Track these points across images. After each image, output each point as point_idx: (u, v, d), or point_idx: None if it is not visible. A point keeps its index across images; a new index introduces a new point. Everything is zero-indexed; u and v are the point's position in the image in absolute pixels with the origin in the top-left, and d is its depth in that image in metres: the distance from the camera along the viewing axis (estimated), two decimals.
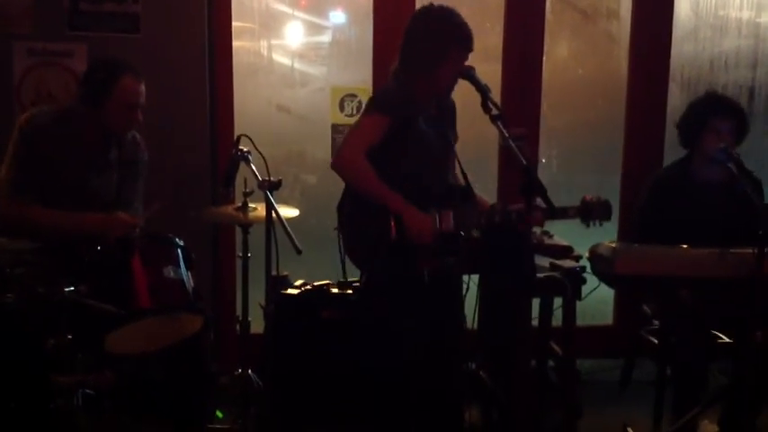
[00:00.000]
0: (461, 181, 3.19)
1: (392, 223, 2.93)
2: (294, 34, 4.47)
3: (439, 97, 3.15)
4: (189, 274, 3.00)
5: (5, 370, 2.72)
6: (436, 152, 3.12)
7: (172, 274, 2.90)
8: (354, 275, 3.45)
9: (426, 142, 3.06)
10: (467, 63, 3.03)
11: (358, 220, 3.02)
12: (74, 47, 3.88)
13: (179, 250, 3.00)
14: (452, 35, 3.02)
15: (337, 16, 4.52)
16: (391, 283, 3.02)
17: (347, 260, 3.17)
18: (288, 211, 3.19)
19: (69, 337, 2.61)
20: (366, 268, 3.10)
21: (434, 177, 3.12)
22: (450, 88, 3.10)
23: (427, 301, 3.02)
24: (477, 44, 3.10)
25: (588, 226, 3.08)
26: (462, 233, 3.06)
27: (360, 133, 3.00)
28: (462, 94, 3.24)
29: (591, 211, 3.04)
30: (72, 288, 2.60)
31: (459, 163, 3.19)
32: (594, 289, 3.48)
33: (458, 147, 3.26)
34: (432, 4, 3.10)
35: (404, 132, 2.98)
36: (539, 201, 2.78)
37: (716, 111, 3.53)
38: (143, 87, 3.20)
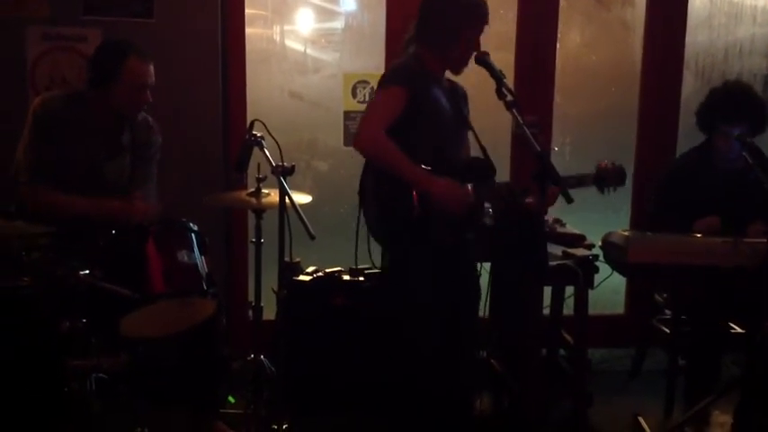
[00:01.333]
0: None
1: (415, 198, 2.91)
2: (307, 20, 4.46)
3: (453, 71, 3.12)
4: (203, 258, 3.00)
5: (21, 353, 2.74)
6: (452, 124, 3.10)
7: (186, 258, 2.90)
8: (365, 262, 3.46)
9: (443, 113, 3.04)
10: (482, 49, 3.01)
11: (381, 197, 2.99)
12: (88, 31, 3.87)
13: (193, 235, 3.00)
14: (469, 10, 3.00)
15: (350, 2, 4.50)
16: (413, 256, 3.00)
17: (358, 245, 3.17)
18: (301, 197, 3.19)
19: (84, 320, 2.63)
20: (389, 245, 3.08)
21: (453, 149, 3.10)
22: (465, 63, 3.06)
23: (446, 283, 3.02)
24: (490, 31, 3.08)
25: (603, 192, 3.07)
26: (485, 206, 3.05)
27: (378, 109, 2.97)
28: (475, 80, 3.23)
29: (605, 178, 3.03)
30: (87, 272, 2.61)
31: (477, 137, 3.17)
32: (607, 278, 3.49)
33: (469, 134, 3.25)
34: None
35: (420, 104, 2.95)
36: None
37: (727, 117, 3.51)
38: (151, 68, 3.20)
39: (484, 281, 3.36)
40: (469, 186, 2.96)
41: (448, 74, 3.15)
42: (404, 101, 2.91)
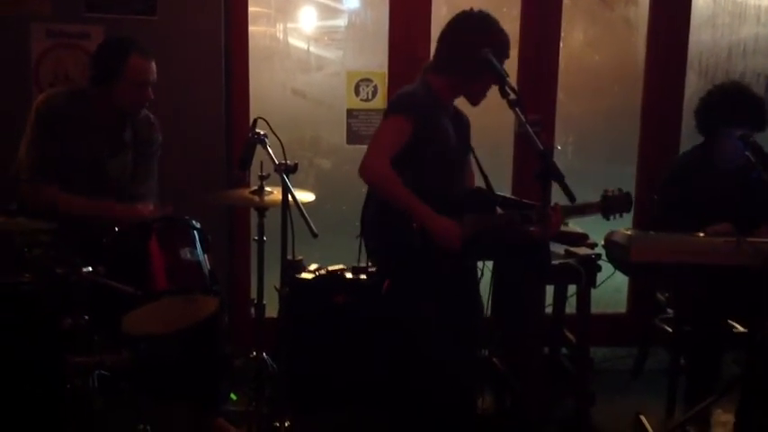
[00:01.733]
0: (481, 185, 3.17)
1: (416, 229, 2.91)
2: (310, 18, 4.46)
3: (471, 103, 3.11)
4: (205, 256, 3.00)
5: (23, 350, 2.74)
6: (457, 152, 3.10)
7: (188, 255, 2.90)
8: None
9: (449, 141, 3.04)
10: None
11: (381, 228, 3.01)
12: (91, 29, 3.88)
13: (195, 232, 3.00)
14: (496, 47, 2.95)
15: (353, 0, 4.50)
16: (414, 287, 3.01)
17: (360, 243, 3.18)
18: (303, 195, 3.19)
19: (86, 317, 2.63)
20: (389, 273, 3.09)
21: (457, 177, 3.11)
22: (484, 95, 3.05)
23: (449, 307, 3.02)
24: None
25: (608, 219, 3.08)
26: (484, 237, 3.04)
27: (384, 138, 2.95)
28: None
29: (611, 206, 3.04)
30: (89, 269, 2.61)
31: (480, 166, 3.18)
32: (609, 277, 3.48)
33: (472, 132, 3.25)
34: (471, 10, 3.05)
35: (427, 132, 2.94)
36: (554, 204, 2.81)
37: (727, 119, 3.51)
38: (153, 65, 3.21)
39: (486, 280, 3.37)
40: (471, 218, 2.96)
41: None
42: (409, 130, 2.91)
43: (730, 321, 3.47)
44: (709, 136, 3.63)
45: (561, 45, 4.47)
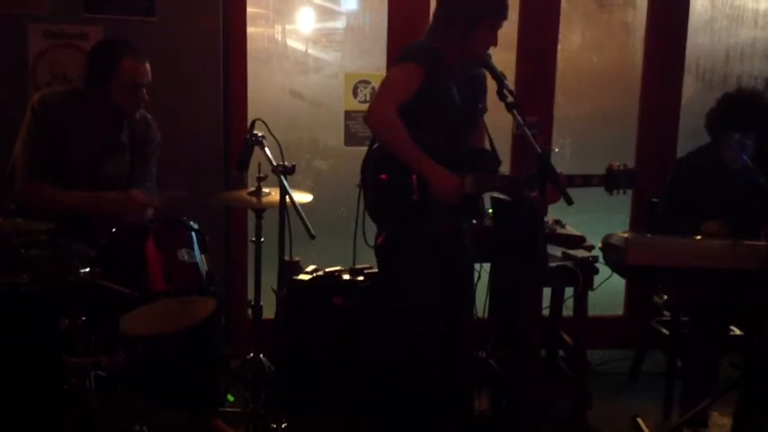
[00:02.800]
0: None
1: (414, 183, 2.91)
2: (308, 20, 4.47)
3: (470, 61, 3.10)
4: (203, 257, 3.00)
5: (20, 351, 2.74)
6: (461, 115, 3.09)
7: (186, 257, 2.90)
8: (364, 262, 3.47)
9: (451, 102, 3.04)
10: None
11: (380, 179, 3.01)
12: (89, 29, 3.87)
13: (193, 233, 3.00)
14: (485, 3, 2.99)
15: (352, 2, 4.51)
16: (409, 241, 3.01)
17: (357, 244, 3.20)
18: (301, 197, 3.19)
19: (83, 318, 2.62)
20: (385, 226, 3.09)
21: (460, 137, 3.10)
22: (482, 53, 3.04)
23: (442, 268, 3.03)
24: None
25: (611, 194, 3.05)
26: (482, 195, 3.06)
27: (393, 85, 2.95)
28: None
29: (616, 179, 3.00)
30: (87, 270, 2.61)
31: (488, 131, 3.18)
32: (606, 279, 3.49)
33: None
34: None
35: (432, 88, 2.94)
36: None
37: (729, 124, 3.54)
38: (147, 66, 3.19)
39: (483, 281, 3.37)
40: (472, 176, 2.96)
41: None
42: (419, 79, 2.91)
43: (727, 324, 3.48)
44: (714, 137, 3.67)
45: (559, 48, 4.47)
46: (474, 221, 3.29)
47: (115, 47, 3.18)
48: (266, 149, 3.11)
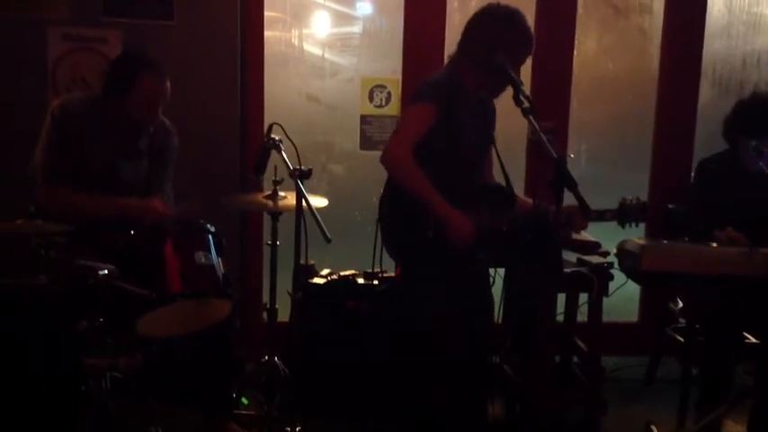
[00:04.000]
0: (501, 180, 3.18)
1: (430, 220, 2.93)
2: (325, 24, 4.49)
3: (490, 96, 3.14)
4: (219, 260, 3.02)
5: (38, 351, 2.76)
6: (475, 146, 3.12)
7: (203, 259, 2.92)
8: (386, 266, 3.49)
9: (468, 134, 3.06)
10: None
11: (397, 215, 3.04)
12: (108, 33, 3.91)
13: (210, 236, 3.02)
14: (514, 44, 2.99)
15: (368, 7, 4.52)
16: (425, 273, 3.03)
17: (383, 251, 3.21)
18: (317, 201, 3.20)
19: (101, 320, 2.65)
20: (401, 262, 3.12)
21: (475, 169, 3.12)
22: (503, 89, 3.07)
23: (458, 296, 3.04)
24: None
25: (624, 227, 3.07)
26: (496, 230, 3.06)
27: (408, 125, 2.97)
28: None
29: (628, 213, 3.03)
30: (105, 271, 2.63)
31: (501, 161, 3.19)
32: (621, 285, 3.48)
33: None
34: (498, 4, 3.08)
35: (448, 122, 2.96)
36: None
37: (744, 130, 3.53)
38: (165, 85, 3.18)
39: (498, 287, 3.37)
40: (487, 214, 2.98)
41: None
42: (433, 119, 2.93)
43: (742, 332, 3.47)
44: (731, 144, 3.66)
45: (575, 53, 4.47)
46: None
47: (135, 62, 3.17)
48: (283, 153, 3.12)
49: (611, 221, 3.04)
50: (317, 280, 3.61)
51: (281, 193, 3.28)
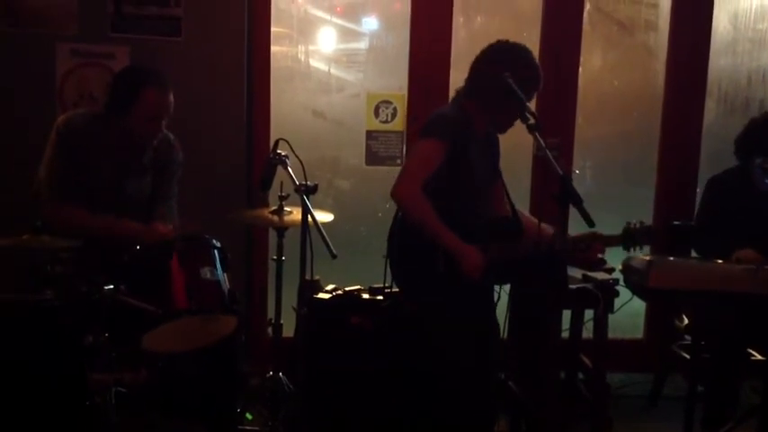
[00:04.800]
0: (508, 210, 3.20)
1: (440, 255, 2.94)
2: (331, 40, 4.51)
3: (498, 132, 3.16)
4: (225, 275, 3.03)
5: (43, 366, 2.76)
6: (483, 180, 3.13)
7: (208, 275, 2.93)
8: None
9: (477, 170, 3.07)
10: None
11: (407, 251, 3.04)
12: (116, 49, 3.93)
13: (216, 251, 3.03)
14: (523, 82, 2.98)
15: (374, 23, 4.54)
16: (436, 309, 3.04)
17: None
18: (322, 216, 3.21)
19: (106, 335, 2.65)
20: (412, 297, 3.12)
21: (483, 204, 3.13)
22: (510, 125, 3.09)
23: (470, 322, 3.06)
24: None
25: (628, 251, 3.07)
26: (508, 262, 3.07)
27: (419, 161, 2.98)
28: None
29: (633, 237, 3.03)
30: (111, 287, 2.64)
31: (507, 193, 3.21)
32: (627, 302, 3.47)
33: None
34: (507, 42, 3.09)
35: (458, 159, 2.97)
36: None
37: (754, 149, 3.54)
38: (169, 98, 3.18)
39: (503, 303, 3.37)
40: (496, 246, 2.99)
41: None
42: (443, 155, 2.93)
43: (749, 349, 3.46)
44: (742, 162, 3.67)
45: (580, 70, 4.48)
46: None
47: (138, 77, 3.18)
48: (289, 168, 3.13)
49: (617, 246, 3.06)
50: (321, 295, 3.61)
51: (287, 209, 3.29)
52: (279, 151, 3.17)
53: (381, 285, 3.52)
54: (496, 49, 3.08)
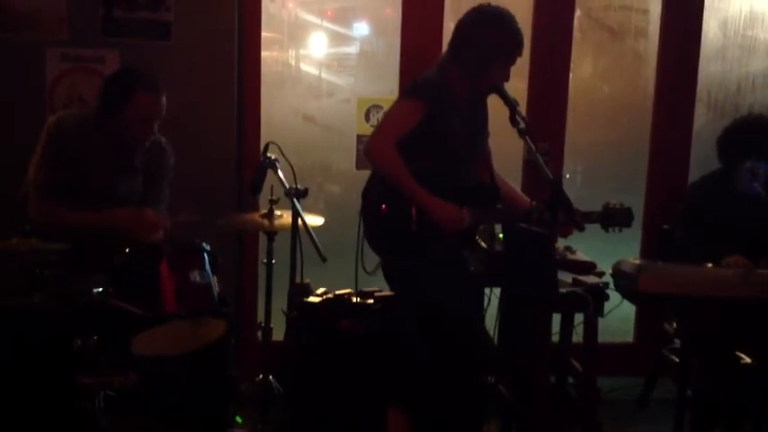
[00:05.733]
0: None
1: (414, 213, 2.94)
2: (322, 45, 4.51)
3: (478, 95, 3.17)
4: (215, 278, 3.02)
5: (32, 369, 2.75)
6: (465, 148, 3.14)
7: (198, 278, 2.92)
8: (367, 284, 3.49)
9: (455, 135, 3.09)
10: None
11: (381, 209, 3.06)
12: (106, 53, 3.92)
13: (206, 255, 3.03)
14: (503, 45, 3.04)
15: (365, 27, 4.55)
16: (411, 268, 3.06)
17: (360, 269, 3.24)
18: (313, 220, 3.21)
19: (95, 338, 2.64)
20: (383, 256, 3.12)
21: (461, 170, 3.14)
22: (492, 90, 3.11)
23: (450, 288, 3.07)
24: None
25: (607, 231, 3.08)
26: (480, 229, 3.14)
27: (394, 120, 3.01)
28: (489, 107, 3.26)
29: (612, 217, 3.05)
30: (100, 290, 2.63)
31: (490, 163, 3.21)
32: (617, 306, 3.48)
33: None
34: (489, 5, 3.12)
35: (434, 124, 2.99)
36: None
37: (740, 152, 3.56)
38: (161, 101, 3.18)
39: (493, 307, 3.37)
40: (468, 210, 3.00)
41: None
42: (420, 116, 2.95)
43: (738, 353, 3.47)
44: (725, 165, 3.68)
45: (571, 76, 4.49)
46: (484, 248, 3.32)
47: (129, 80, 3.17)
48: (279, 172, 3.14)
49: (596, 224, 3.06)
50: (312, 299, 3.60)
51: (277, 213, 3.29)
52: (269, 155, 3.18)
53: (372, 289, 3.53)
54: (478, 12, 3.11)
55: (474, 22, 3.09)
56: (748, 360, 3.43)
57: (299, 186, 3.06)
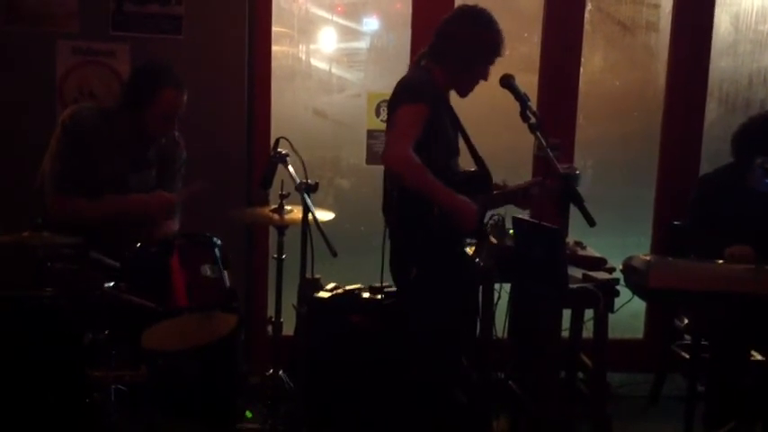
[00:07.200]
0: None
1: (435, 216, 2.95)
2: (332, 40, 4.51)
3: (460, 95, 3.20)
4: (225, 273, 3.03)
5: (43, 363, 2.76)
6: (452, 141, 3.19)
7: (209, 272, 2.93)
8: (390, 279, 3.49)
9: (447, 130, 3.13)
10: (506, 72, 3.06)
11: (404, 209, 3.07)
12: (117, 47, 3.93)
13: (216, 249, 3.03)
14: (485, 46, 3.07)
15: (375, 22, 4.54)
16: (436, 267, 3.07)
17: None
18: (323, 215, 3.21)
19: (106, 332, 2.65)
20: (409, 257, 3.13)
21: (451, 165, 3.17)
22: (471, 89, 3.17)
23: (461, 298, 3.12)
24: (514, 53, 3.12)
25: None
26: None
27: (405, 126, 2.99)
28: (497, 101, 3.26)
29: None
30: (111, 284, 2.64)
31: (475, 149, 3.23)
32: (627, 302, 3.47)
33: (490, 154, 3.29)
34: (471, 6, 3.13)
35: (434, 123, 3.01)
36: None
37: (753, 148, 3.54)
38: (184, 97, 3.23)
39: (503, 302, 3.37)
40: (481, 199, 3.06)
41: None
42: (426, 118, 2.95)
43: (749, 349, 3.46)
44: (738, 160, 3.67)
45: (581, 70, 4.48)
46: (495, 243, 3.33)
47: (158, 75, 3.20)
48: (290, 167, 3.13)
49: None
50: (322, 294, 3.61)
51: (288, 207, 3.29)
52: (280, 150, 3.18)
53: (382, 284, 3.54)
54: (461, 13, 3.14)
55: (458, 22, 3.11)
56: (759, 357, 3.43)
57: (309, 181, 3.05)
